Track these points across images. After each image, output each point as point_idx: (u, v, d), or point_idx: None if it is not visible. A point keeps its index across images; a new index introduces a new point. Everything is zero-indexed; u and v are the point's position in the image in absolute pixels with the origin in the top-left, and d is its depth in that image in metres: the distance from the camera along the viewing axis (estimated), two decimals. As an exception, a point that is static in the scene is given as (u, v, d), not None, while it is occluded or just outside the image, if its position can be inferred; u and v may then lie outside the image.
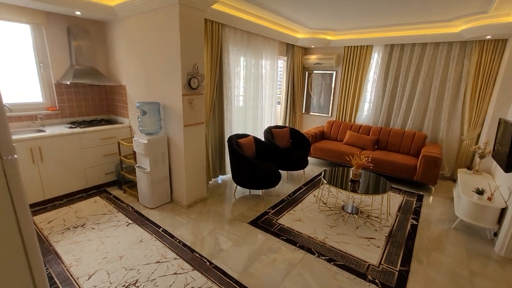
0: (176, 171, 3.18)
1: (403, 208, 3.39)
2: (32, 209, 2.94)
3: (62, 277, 2.05)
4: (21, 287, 1.26)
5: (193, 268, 2.18)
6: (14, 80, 3.14)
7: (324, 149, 4.78)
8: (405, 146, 4.44)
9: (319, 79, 5.69)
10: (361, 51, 4.91)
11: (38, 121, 3.29)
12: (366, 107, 5.15)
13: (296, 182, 4.14)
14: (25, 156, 2.81)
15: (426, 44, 4.33)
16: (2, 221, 1.15)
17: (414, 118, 4.62)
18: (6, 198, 1.15)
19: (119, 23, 3.40)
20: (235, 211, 3.18)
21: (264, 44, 4.52)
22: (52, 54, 3.30)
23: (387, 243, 2.63)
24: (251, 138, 3.79)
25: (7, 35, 3.04)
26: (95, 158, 3.42)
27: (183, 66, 2.78)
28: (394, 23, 4.00)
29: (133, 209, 3.12)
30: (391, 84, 4.74)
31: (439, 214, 3.27)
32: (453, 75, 4.18)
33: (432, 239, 2.74)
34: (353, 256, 2.41)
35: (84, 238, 2.54)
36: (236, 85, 4.13)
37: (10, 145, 1.09)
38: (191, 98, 2.94)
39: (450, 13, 3.36)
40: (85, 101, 3.73)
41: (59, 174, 3.12)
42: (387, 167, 4.12)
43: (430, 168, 3.72)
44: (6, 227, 1.17)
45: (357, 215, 3.15)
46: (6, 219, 1.17)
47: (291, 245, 2.54)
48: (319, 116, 5.87)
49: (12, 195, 1.16)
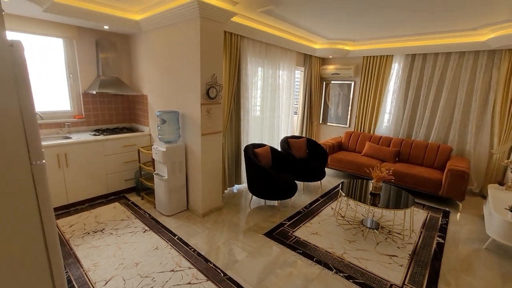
0: (193, 179, 3.21)
1: (428, 224, 3.20)
2: (56, 213, 3.06)
3: (80, 281, 2.09)
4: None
5: (207, 279, 2.16)
6: (46, 90, 3.36)
7: (342, 160, 4.66)
8: (428, 159, 4.24)
9: (336, 89, 5.63)
10: (381, 61, 4.82)
11: (66, 128, 3.47)
12: (386, 118, 5.01)
13: (312, 193, 4.04)
14: (52, 161, 2.96)
15: (450, 54, 4.17)
16: (28, 224, 1.20)
17: (438, 130, 4.42)
18: (33, 202, 1.19)
19: (143, 36, 3.57)
20: (250, 221, 3.14)
21: (282, 55, 4.55)
22: (81, 65, 3.51)
23: (410, 262, 2.47)
24: (267, 148, 3.77)
25: (43, 48, 3.27)
26: (116, 165, 3.53)
27: (203, 76, 2.84)
28: (415, 32, 3.91)
29: (150, 216, 3.16)
30: (412, 95, 4.59)
31: (467, 233, 3.05)
32: (480, 86, 3.99)
33: (461, 260, 2.55)
34: (373, 274, 2.29)
35: (102, 243, 2.60)
36: (253, 95, 4.17)
37: (39, 151, 1.15)
38: (209, 108, 2.99)
39: (475, 22, 3.23)
40: (109, 109, 3.90)
41: (82, 179, 3.24)
42: (409, 180, 3.94)
43: (457, 182, 3.51)
44: (31, 230, 1.21)
45: (378, 230, 3.01)
46: (31, 222, 1.21)
47: (308, 259, 2.46)
48: (337, 127, 5.77)
49: (38, 199, 1.20)
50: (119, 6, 3.06)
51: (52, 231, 1.30)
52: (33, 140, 1.10)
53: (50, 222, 1.28)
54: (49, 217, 1.26)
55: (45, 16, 2.93)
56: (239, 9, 3.01)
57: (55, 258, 1.34)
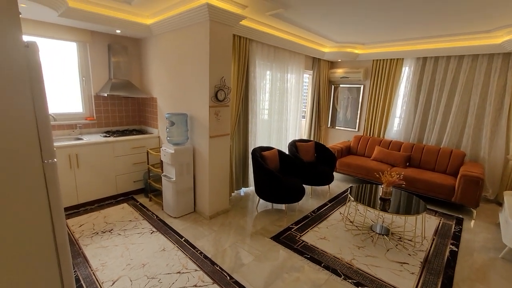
0: (200, 181, 3.22)
1: (440, 231, 3.10)
2: (66, 213, 3.12)
3: (88, 281, 2.10)
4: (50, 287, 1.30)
5: (214, 282, 2.14)
6: (59, 92, 3.45)
7: (350, 164, 4.59)
8: (441, 164, 4.13)
9: (345, 93, 5.58)
10: (391, 64, 4.76)
11: (77, 130, 3.54)
12: (396, 122, 4.92)
13: (320, 198, 3.99)
14: (64, 162, 3.02)
15: (463, 57, 4.08)
16: (39, 222, 1.21)
17: (450, 135, 4.30)
18: (44, 199, 1.21)
19: (153, 40, 3.63)
20: (257, 224, 3.12)
21: (290, 58, 4.55)
22: (93, 68, 3.59)
23: (422, 270, 2.39)
24: (275, 151, 3.75)
25: (57, 52, 3.37)
26: (125, 166, 3.57)
27: (211, 79, 2.86)
28: (427, 35, 3.84)
29: (158, 217, 3.18)
30: (423, 99, 4.50)
31: (482, 241, 2.94)
32: (495, 89, 3.87)
33: (476, 269, 2.45)
34: (383, 281, 2.22)
35: (110, 243, 2.62)
36: (261, 99, 4.17)
37: (51, 151, 1.17)
38: (217, 110, 3.00)
39: (490, 24, 3.16)
40: (119, 112, 3.97)
41: (92, 180, 3.29)
42: (420, 186, 3.84)
43: (471, 189, 3.40)
44: (42, 228, 1.23)
45: (388, 236, 2.93)
46: (42, 221, 1.23)
47: (315, 265, 2.41)
48: (345, 131, 5.71)
49: (49, 197, 1.22)
50: (131, 10, 3.13)
51: (62, 229, 1.31)
52: (45, 139, 1.12)
53: (60, 221, 1.30)
54: (59, 215, 1.28)
55: (60, 21, 3.02)
56: (248, 12, 3.03)
57: (64, 257, 1.35)
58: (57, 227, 1.29)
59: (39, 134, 1.11)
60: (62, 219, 1.30)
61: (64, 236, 1.34)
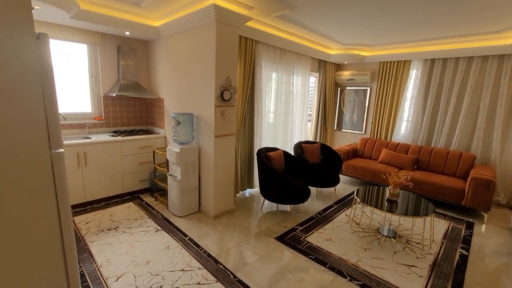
0: (205, 181, 3.23)
1: (450, 235, 3.02)
2: (73, 210, 3.16)
3: (93, 276, 2.12)
4: (55, 282, 1.31)
5: (217, 280, 2.12)
6: (69, 92, 3.53)
7: (357, 167, 4.54)
8: (450, 167, 4.04)
9: (352, 95, 5.54)
10: (398, 66, 4.72)
11: (86, 129, 3.61)
12: (403, 125, 4.85)
13: (326, 199, 3.94)
14: (73, 160, 3.07)
15: (472, 58, 4.02)
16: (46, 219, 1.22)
17: (459, 138, 4.22)
18: (52, 197, 1.21)
19: (161, 41, 3.70)
20: (261, 225, 3.09)
21: (296, 60, 4.56)
22: (103, 69, 3.67)
23: (431, 273, 2.33)
24: (280, 152, 3.74)
25: (68, 53, 3.46)
26: (132, 166, 3.62)
27: (217, 79, 2.89)
28: (435, 36, 3.81)
29: (163, 216, 3.19)
30: (432, 101, 4.43)
31: (494, 246, 2.85)
32: (505, 91, 3.79)
33: (487, 274, 2.37)
34: (390, 283, 2.17)
35: (116, 240, 2.64)
36: (267, 100, 4.18)
37: (59, 140, 1.19)
38: (223, 110, 3.02)
39: (500, 24, 3.11)
40: (127, 112, 4.03)
41: (100, 178, 3.34)
42: (429, 189, 3.76)
43: (482, 192, 3.31)
44: (49, 223, 1.24)
45: (395, 239, 2.87)
46: (49, 218, 1.23)
47: (320, 266, 2.37)
48: (352, 133, 5.66)
49: (56, 190, 1.23)
50: (140, 13, 3.20)
51: (68, 224, 1.32)
52: (53, 129, 1.14)
53: (67, 215, 1.30)
54: (66, 213, 1.27)
55: (72, 23, 3.11)
56: (254, 14, 3.06)
57: (70, 253, 1.35)
58: (64, 221, 1.29)
59: (48, 122, 1.12)
60: (68, 216, 1.29)
61: (70, 231, 1.34)
